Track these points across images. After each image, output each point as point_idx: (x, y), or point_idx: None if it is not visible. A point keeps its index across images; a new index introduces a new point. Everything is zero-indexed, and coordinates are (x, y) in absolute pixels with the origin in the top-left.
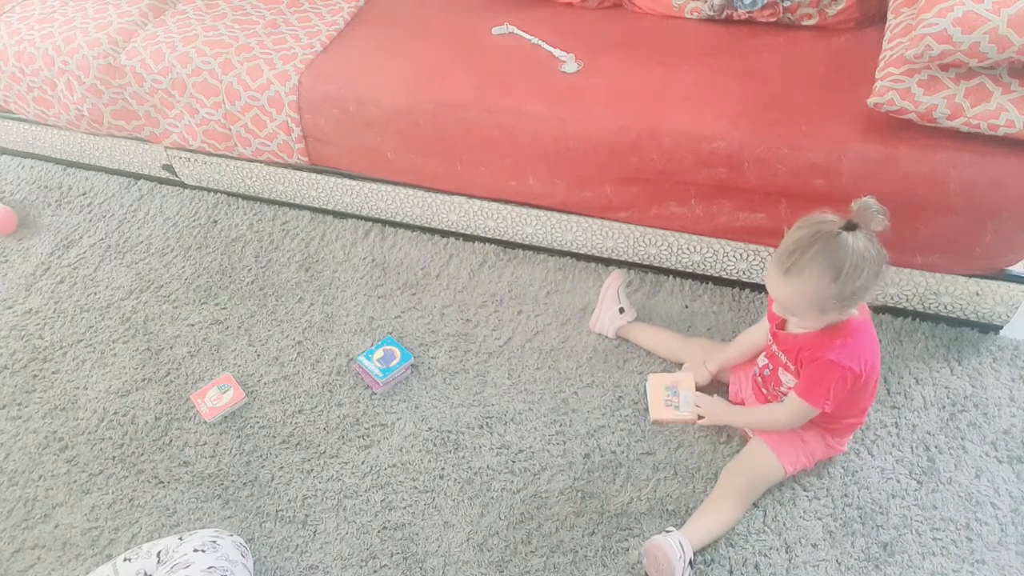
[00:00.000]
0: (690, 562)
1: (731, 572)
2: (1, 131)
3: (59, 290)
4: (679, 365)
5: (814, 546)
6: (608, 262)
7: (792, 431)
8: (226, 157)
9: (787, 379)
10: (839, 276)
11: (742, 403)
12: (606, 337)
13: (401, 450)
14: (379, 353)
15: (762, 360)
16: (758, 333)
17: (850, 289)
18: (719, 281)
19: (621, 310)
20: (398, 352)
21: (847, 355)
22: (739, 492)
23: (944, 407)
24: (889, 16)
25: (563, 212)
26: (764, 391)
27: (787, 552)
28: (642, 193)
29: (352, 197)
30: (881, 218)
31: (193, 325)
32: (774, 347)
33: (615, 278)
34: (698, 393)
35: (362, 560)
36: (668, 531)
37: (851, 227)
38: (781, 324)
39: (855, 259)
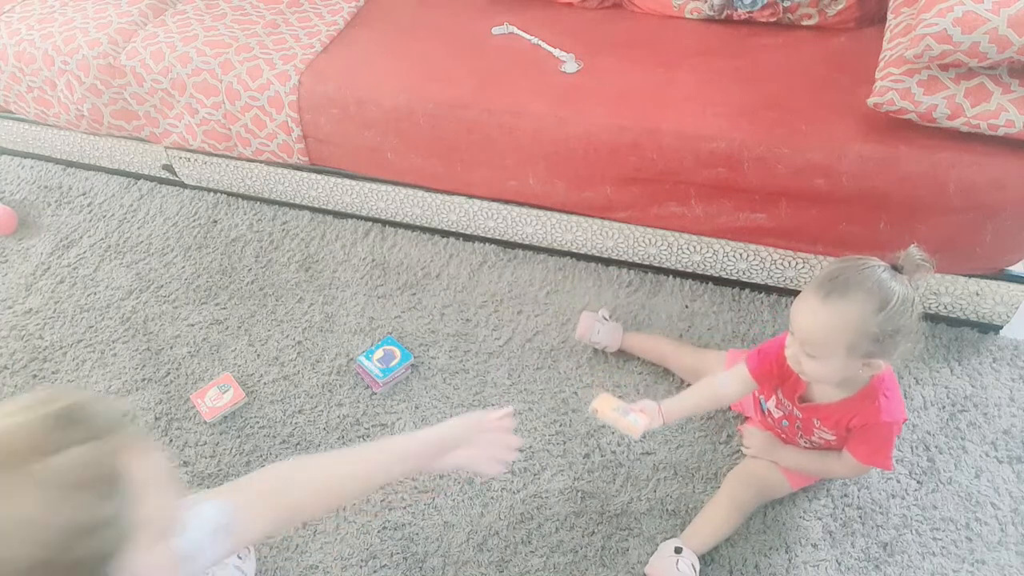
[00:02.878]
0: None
1: (731, 572)
2: (1, 131)
3: (59, 290)
4: (676, 375)
5: (814, 546)
6: (608, 262)
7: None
8: (226, 157)
9: (824, 434)
10: (885, 307)
11: (742, 411)
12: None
13: None
14: (379, 353)
15: (776, 411)
16: (727, 387)
17: (891, 328)
18: (719, 281)
19: (604, 317)
20: (398, 352)
21: (896, 410)
22: (744, 507)
23: (944, 407)
24: (889, 16)
25: (563, 212)
26: (772, 423)
27: (787, 552)
28: (642, 193)
29: (352, 197)
30: (927, 267)
31: (193, 325)
32: (796, 411)
33: (584, 323)
34: (749, 428)
35: (362, 560)
36: (679, 549)
37: (897, 269)
38: (803, 395)
39: (903, 295)
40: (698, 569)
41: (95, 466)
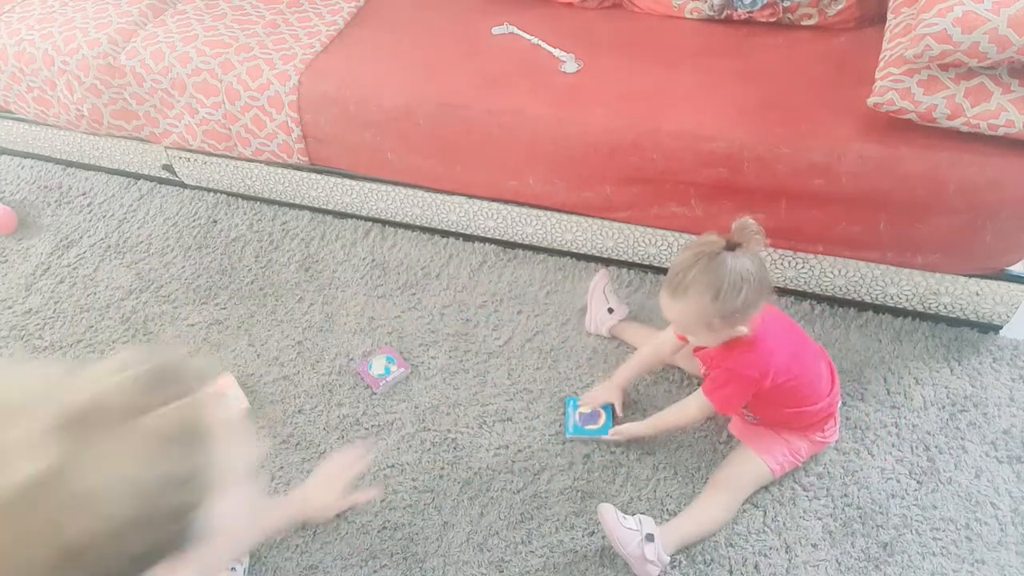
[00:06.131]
0: (670, 561)
1: (731, 572)
2: (1, 131)
3: (59, 290)
4: (670, 364)
5: (814, 546)
6: (608, 262)
7: (772, 431)
8: (226, 157)
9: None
10: (719, 295)
11: None
12: (603, 337)
13: (401, 450)
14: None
15: (702, 369)
16: (663, 342)
17: (731, 307)
18: None
19: (610, 310)
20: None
21: (744, 363)
22: (725, 489)
23: (944, 407)
24: (889, 16)
25: (563, 212)
26: None
27: (787, 552)
28: (642, 193)
29: (352, 197)
30: (759, 238)
31: (193, 325)
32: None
33: (600, 278)
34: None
35: (362, 560)
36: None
37: (731, 247)
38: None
39: (733, 278)
40: (644, 523)
41: (186, 421)
